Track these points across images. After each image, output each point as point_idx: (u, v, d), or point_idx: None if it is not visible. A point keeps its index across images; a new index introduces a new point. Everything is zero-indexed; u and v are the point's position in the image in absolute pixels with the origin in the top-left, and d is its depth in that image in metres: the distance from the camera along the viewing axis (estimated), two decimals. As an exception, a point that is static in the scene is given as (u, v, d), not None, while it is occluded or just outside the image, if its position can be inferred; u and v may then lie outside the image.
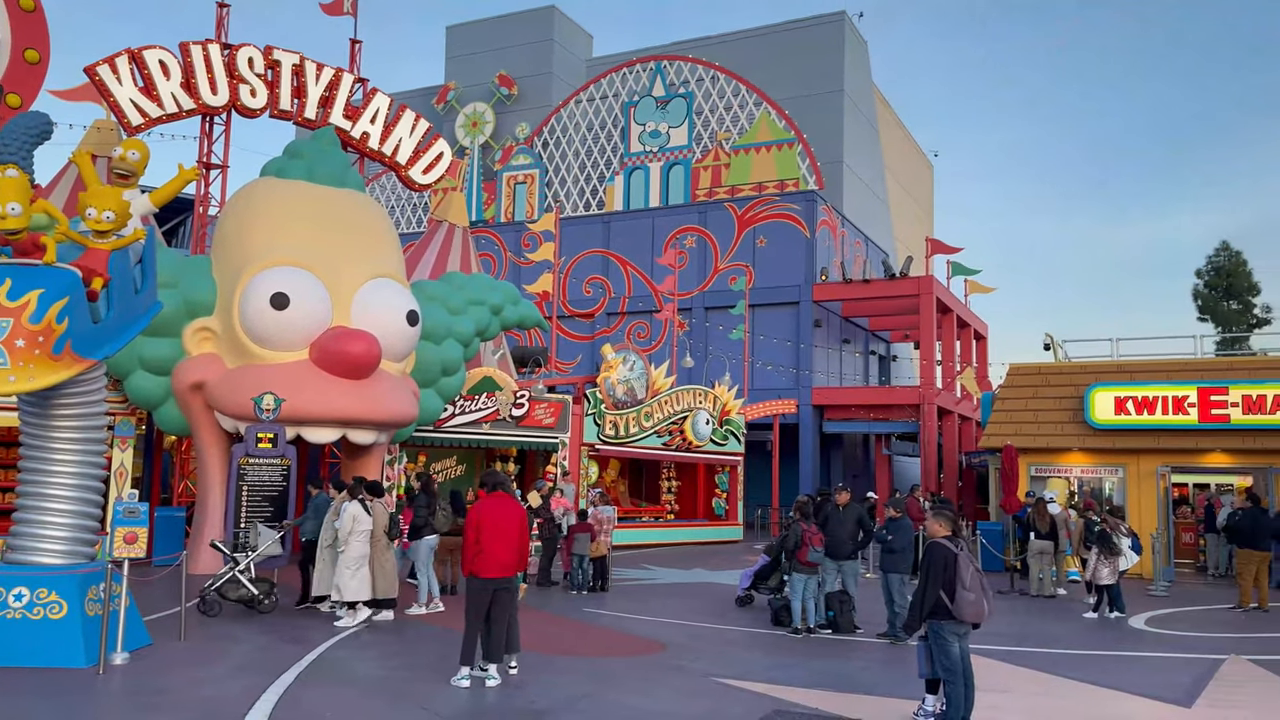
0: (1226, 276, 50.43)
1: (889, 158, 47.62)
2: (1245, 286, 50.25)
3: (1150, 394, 19.62)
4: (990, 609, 7.08)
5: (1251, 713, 8.17)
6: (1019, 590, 16.54)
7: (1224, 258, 51.13)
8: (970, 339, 35.90)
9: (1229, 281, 50.27)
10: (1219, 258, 51.39)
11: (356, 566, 11.05)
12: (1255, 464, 19.39)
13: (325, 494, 12.58)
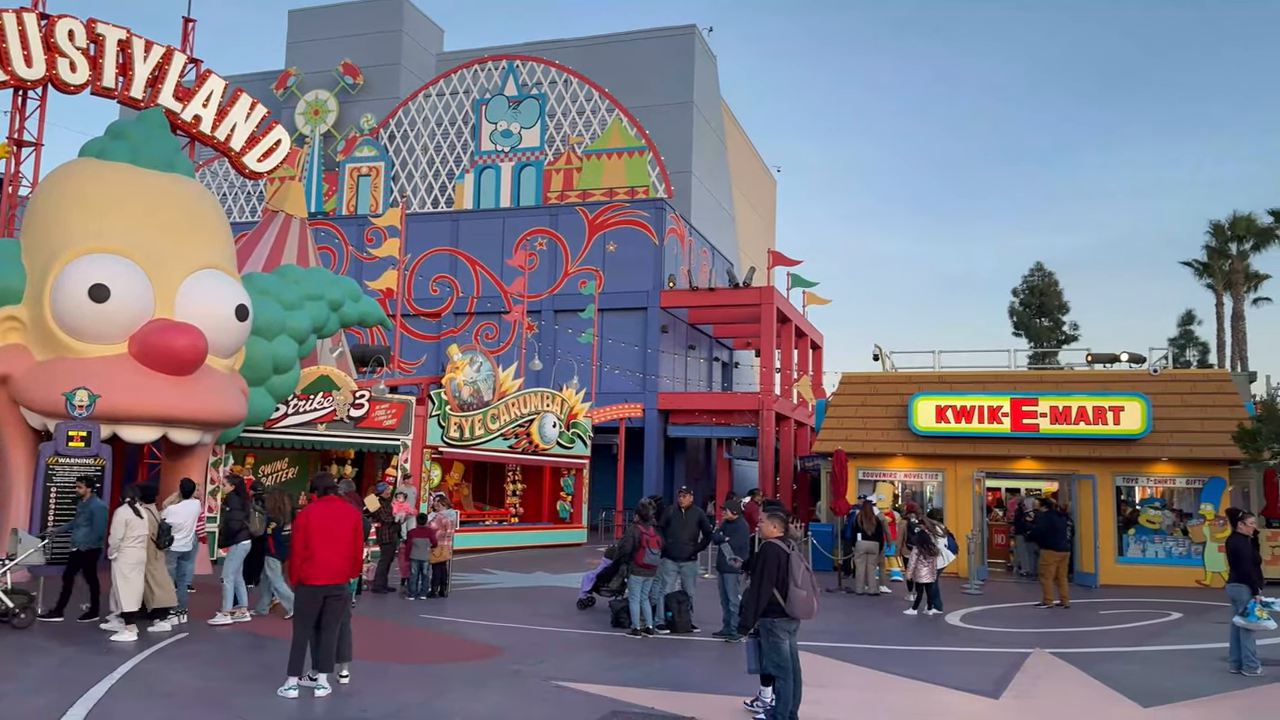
0: (1040, 295, 54.38)
1: (735, 170, 48.95)
2: (1056, 305, 54.33)
3: (968, 404, 20.91)
4: (819, 606, 7.37)
5: (1051, 702, 8.83)
6: (846, 589, 17.30)
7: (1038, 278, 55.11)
8: (807, 348, 37.34)
9: (1042, 300, 54.23)
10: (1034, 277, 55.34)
11: (131, 574, 10.39)
12: (1061, 470, 20.98)
13: (98, 499, 11.77)
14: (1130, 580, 19.29)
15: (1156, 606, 15.74)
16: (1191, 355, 56.06)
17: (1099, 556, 19.49)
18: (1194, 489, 19.97)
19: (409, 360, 33.83)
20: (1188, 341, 57.60)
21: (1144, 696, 8.83)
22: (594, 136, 37.51)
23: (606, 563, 13.65)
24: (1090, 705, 8.63)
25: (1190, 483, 20.02)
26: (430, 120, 40.57)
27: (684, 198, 39.12)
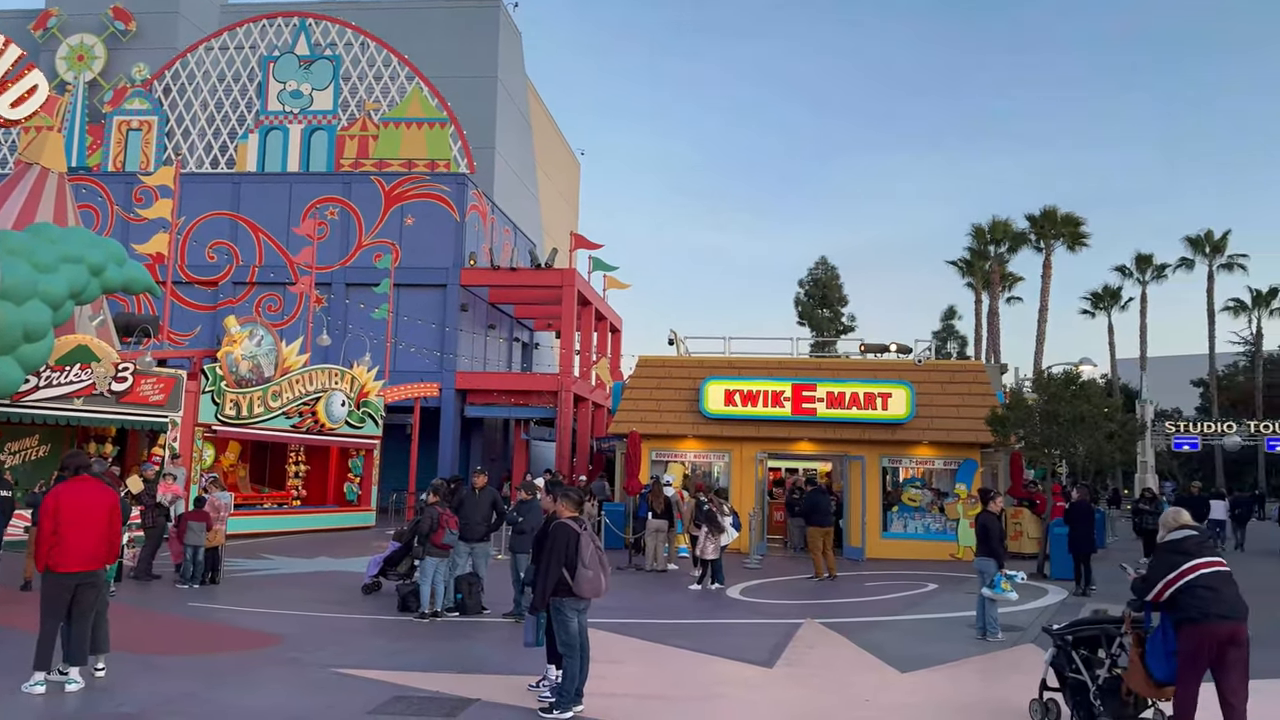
0: (822, 288, 57.62)
1: (539, 150, 48.69)
2: (836, 298, 57.76)
3: (754, 388, 21.86)
4: (607, 585, 7.48)
5: (820, 669, 9.40)
6: (635, 566, 17.70)
7: (822, 271, 58.37)
8: (607, 331, 37.80)
9: (824, 292, 57.48)
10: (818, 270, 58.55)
11: None
12: (835, 452, 22.34)
13: None
14: (893, 554, 20.84)
15: (915, 578, 17.08)
16: (952, 347, 61.15)
17: (866, 532, 20.94)
18: (950, 470, 21.79)
19: (180, 331, 31.52)
20: (949, 335, 62.81)
21: (902, 662, 9.57)
22: (392, 104, 36.18)
23: (395, 546, 13.29)
24: (854, 671, 9.26)
25: (947, 464, 21.84)
26: (211, 75, 37.77)
27: (486, 174, 38.51)
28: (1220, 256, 53.25)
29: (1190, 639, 6.17)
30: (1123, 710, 6.75)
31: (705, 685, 8.53)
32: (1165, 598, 6.35)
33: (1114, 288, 55.95)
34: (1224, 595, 6.22)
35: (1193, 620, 6.17)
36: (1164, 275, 54.58)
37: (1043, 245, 52.55)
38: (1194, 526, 6.65)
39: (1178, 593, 6.27)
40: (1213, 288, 53.48)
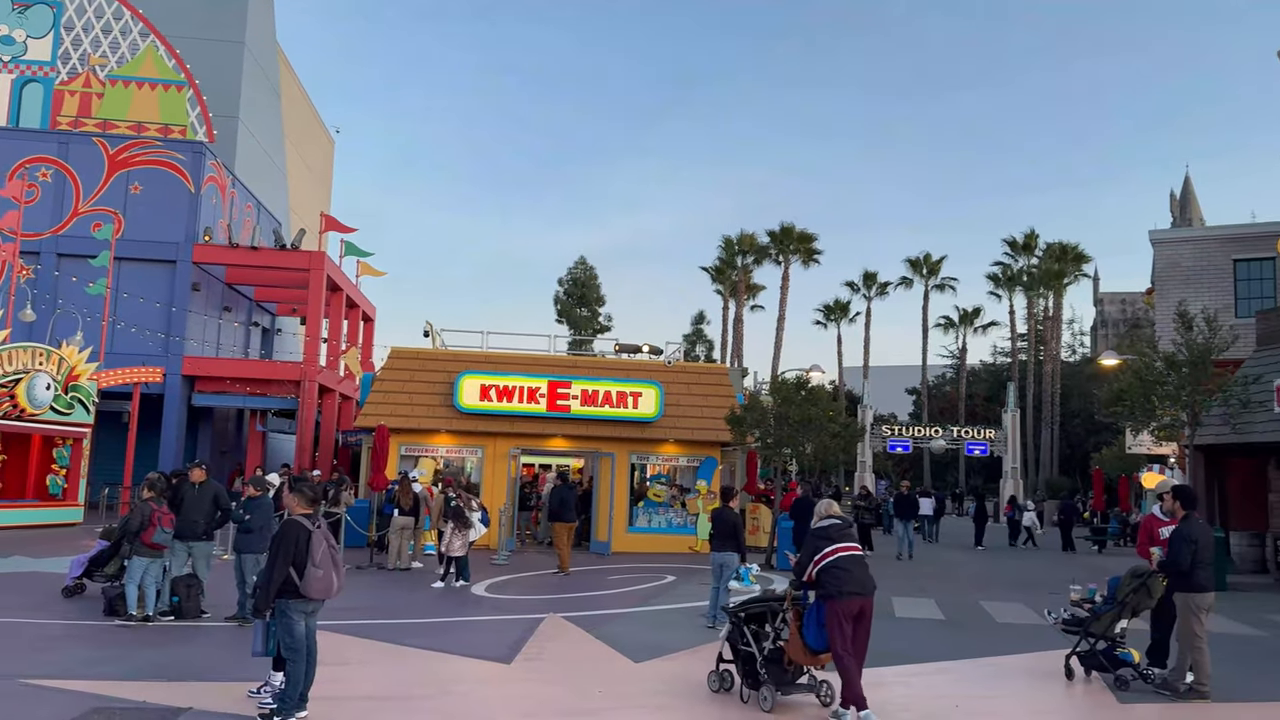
0: (581, 287, 58.46)
1: (290, 125, 46.03)
2: (595, 297, 58.79)
3: (510, 384, 21.81)
4: (340, 584, 7.15)
5: (557, 662, 9.49)
6: (378, 565, 17.13)
7: (581, 270, 59.23)
8: (358, 319, 36.30)
9: (583, 291, 58.32)
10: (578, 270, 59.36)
11: None
12: (587, 448, 22.70)
13: None
14: (638, 548, 21.48)
15: (657, 571, 17.68)
16: (701, 350, 63.97)
17: (613, 526, 21.44)
18: (693, 467, 22.76)
19: None
20: (699, 338, 65.70)
21: (637, 652, 9.86)
22: (121, 61, 32.88)
23: (103, 545, 12.08)
24: (590, 663, 9.43)
25: (691, 461, 22.79)
26: (-103, 4, 32.70)
27: (228, 145, 35.90)
28: (935, 278, 59.15)
29: (832, 613, 7.21)
30: (784, 677, 7.72)
31: (440, 684, 8.38)
32: (813, 577, 7.39)
33: (844, 301, 60.76)
34: (856, 575, 7.30)
35: (831, 596, 7.23)
36: (887, 292, 59.96)
37: (781, 259, 56.21)
38: (839, 517, 7.73)
39: (820, 572, 7.33)
40: (927, 305, 59.38)
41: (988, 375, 65.43)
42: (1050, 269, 54.78)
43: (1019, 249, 56.47)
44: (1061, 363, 58.76)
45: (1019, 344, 58.56)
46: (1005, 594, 16.39)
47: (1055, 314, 56.70)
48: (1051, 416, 54.16)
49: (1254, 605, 15.61)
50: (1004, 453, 41.60)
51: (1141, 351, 21.94)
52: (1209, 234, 28.40)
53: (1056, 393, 54.49)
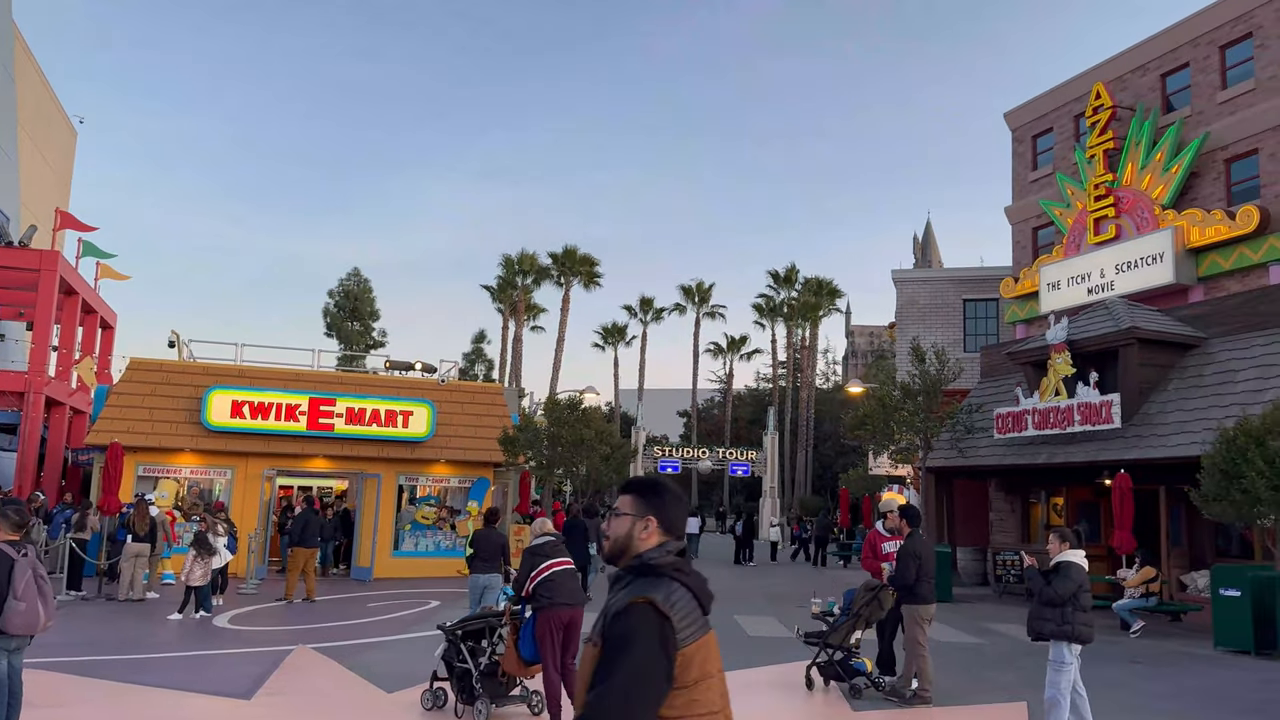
0: (354, 300, 56.27)
1: (26, 111, 41.55)
2: (368, 311, 56.74)
3: (267, 400, 20.59)
4: (48, 619, 6.44)
5: (301, 696, 8.99)
6: (107, 595, 15.62)
7: (354, 282, 57.01)
8: (95, 327, 33.11)
9: (355, 304, 56.16)
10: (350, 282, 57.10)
11: None
12: (351, 469, 21.79)
13: None
14: (403, 572, 20.82)
15: (420, 596, 17.20)
16: (480, 369, 63.30)
17: (376, 551, 20.67)
18: (464, 488, 22.38)
19: None
20: (479, 356, 64.99)
21: (389, 681, 9.52)
22: None
23: None
24: (339, 695, 9.00)
25: (462, 482, 22.40)
26: None
27: (-54, 127, 31.85)
28: (706, 305, 61.65)
29: (544, 623, 7.62)
30: (498, 689, 8.16)
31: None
32: (529, 591, 7.83)
33: (622, 325, 62.12)
34: (568, 587, 7.79)
35: (543, 607, 7.64)
36: (662, 317, 61.86)
37: (563, 280, 56.73)
38: (552, 534, 8.20)
39: (537, 586, 7.77)
40: (699, 331, 61.72)
41: (752, 399, 68.79)
42: (808, 301, 58.50)
43: (781, 281, 59.92)
44: (816, 389, 62.76)
45: (780, 371, 62.02)
46: (759, 608, 17.19)
47: (812, 343, 60.54)
48: (807, 439, 57.66)
49: (976, 615, 17.22)
50: (764, 473, 43.82)
51: (882, 381, 23.80)
52: (943, 275, 31.33)
53: (811, 417, 58.10)
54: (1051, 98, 26.88)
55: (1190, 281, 21.39)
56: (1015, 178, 28.14)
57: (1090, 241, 24.00)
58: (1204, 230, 21.14)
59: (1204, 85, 22.34)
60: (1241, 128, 21.22)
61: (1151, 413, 17.70)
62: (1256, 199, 20.71)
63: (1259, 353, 16.80)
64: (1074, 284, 24.03)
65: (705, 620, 2.44)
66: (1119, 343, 18.35)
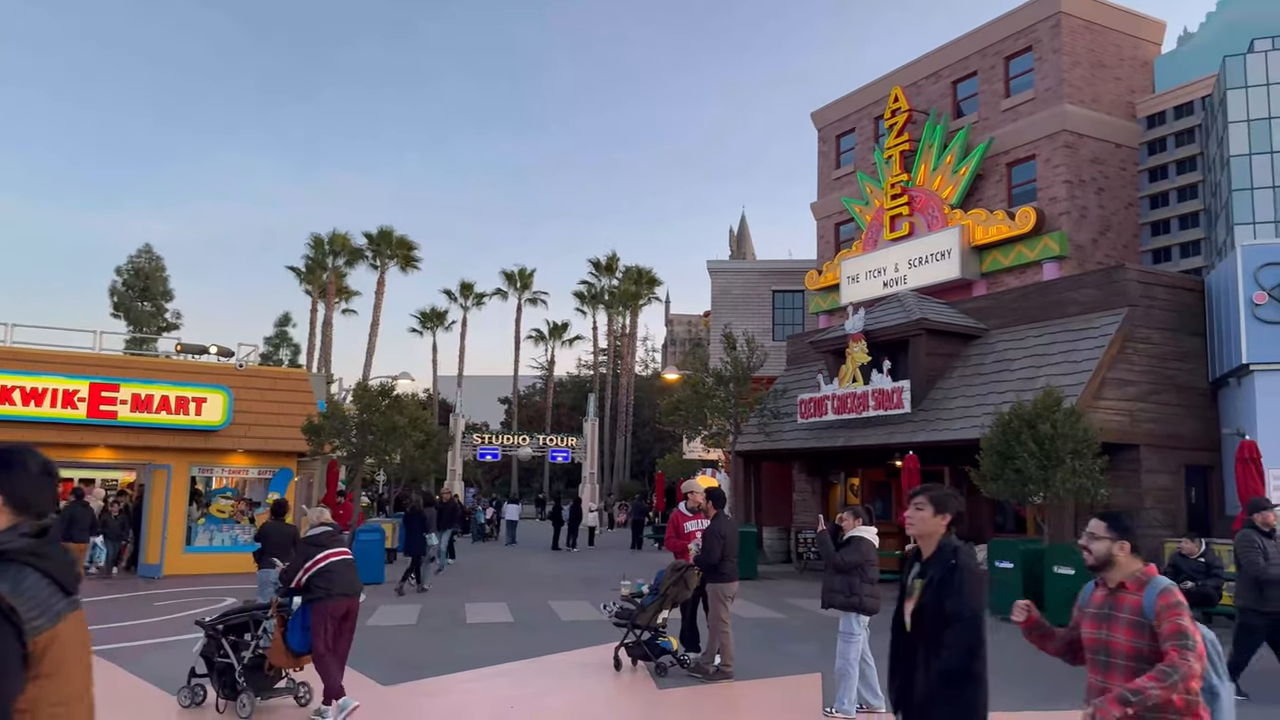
0: (145, 278, 52.33)
1: None
2: (160, 291, 52.91)
3: (40, 385, 18.85)
4: None
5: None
6: None
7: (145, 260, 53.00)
8: None
9: (146, 284, 52.25)
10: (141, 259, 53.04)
11: None
12: (138, 460, 20.26)
13: None
14: (197, 569, 19.58)
15: (215, 593, 16.23)
16: (285, 354, 60.40)
17: (166, 547, 19.36)
18: (265, 479, 21.27)
19: None
20: (284, 341, 61.97)
21: (171, 684, 8.91)
22: None
23: None
24: (115, 700, 8.35)
25: (262, 473, 21.28)
26: None
27: None
28: (528, 291, 61.27)
29: (320, 614, 7.59)
30: (263, 682, 7.99)
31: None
32: (302, 583, 7.73)
33: (441, 310, 60.80)
34: (345, 577, 7.77)
35: (319, 599, 7.60)
36: (483, 302, 60.98)
37: (378, 263, 54.91)
38: (329, 524, 8.15)
39: (312, 577, 7.69)
40: (520, 318, 61.29)
41: (573, 386, 69.07)
42: (628, 290, 59.24)
43: (602, 269, 60.38)
44: (635, 376, 63.74)
45: (601, 358, 62.55)
46: (575, 592, 17.27)
47: (632, 331, 61.39)
48: (626, 425, 58.49)
49: (778, 591, 17.95)
50: (584, 459, 44.09)
51: (697, 368, 24.42)
52: (755, 267, 32.44)
53: (631, 404, 58.97)
54: (853, 99, 28.28)
55: (974, 277, 23.06)
56: (820, 175, 29.47)
57: (886, 238, 25.45)
58: (987, 229, 22.82)
59: (989, 93, 24.08)
60: (1021, 134, 23.03)
61: (938, 398, 18.98)
62: (1034, 201, 22.55)
63: (1032, 343, 18.31)
64: (871, 277, 25.42)
65: (71, 601, 2.33)
66: (910, 333, 19.55)
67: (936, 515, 4.01)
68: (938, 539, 4.00)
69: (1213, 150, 21.45)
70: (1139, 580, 3.71)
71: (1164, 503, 16.87)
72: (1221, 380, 17.28)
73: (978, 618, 3.81)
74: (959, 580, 3.81)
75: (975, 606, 3.82)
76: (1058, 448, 13.95)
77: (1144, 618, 3.59)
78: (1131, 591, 3.69)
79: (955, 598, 3.79)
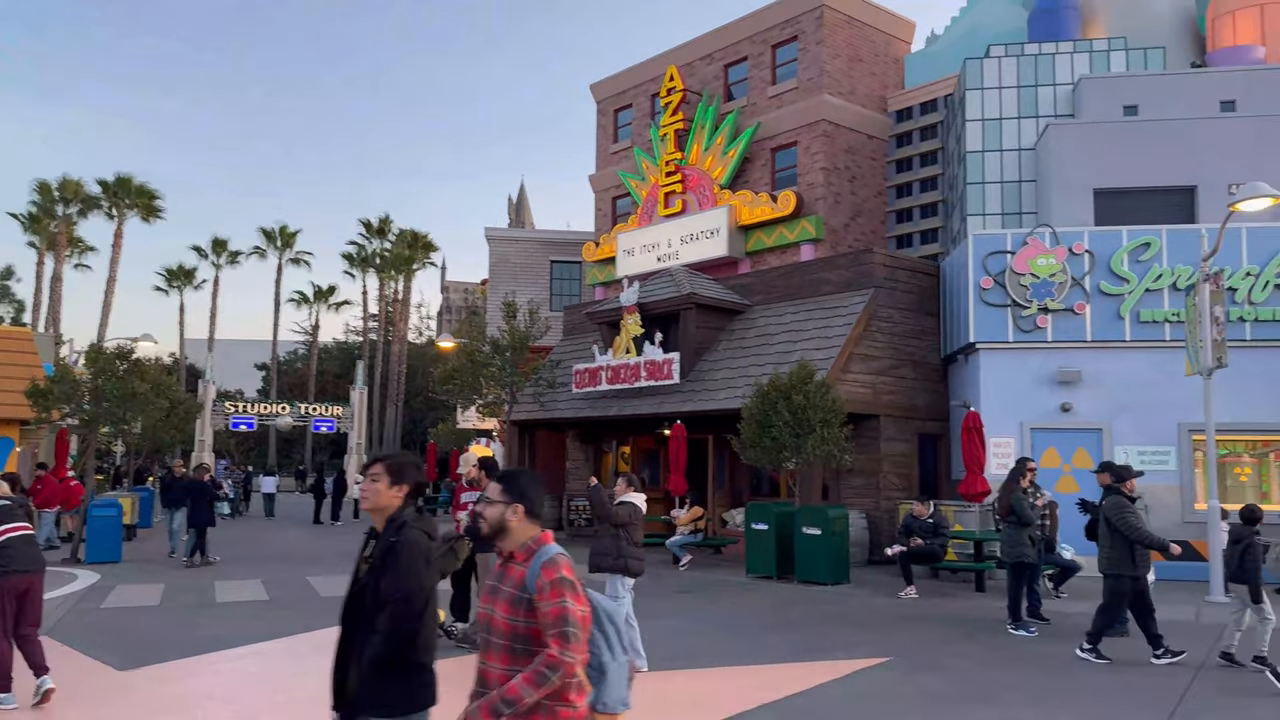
0: None
1: None
2: None
3: None
4: None
5: None
6: None
7: None
8: None
9: None
10: None
11: None
12: None
13: None
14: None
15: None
16: (6, 311, 54.01)
17: None
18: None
19: None
20: (5, 296, 55.38)
21: None
22: None
23: None
24: None
25: (-25, 443, 18.95)
26: None
27: None
28: (290, 250, 57.90)
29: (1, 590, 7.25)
30: None
31: None
32: None
33: (189, 267, 56.32)
34: (24, 553, 7.36)
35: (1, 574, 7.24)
36: (239, 261, 57.05)
37: (115, 213, 50.03)
38: (10, 498, 7.69)
39: None
40: (281, 279, 57.85)
41: (340, 353, 66.25)
42: (402, 254, 57.38)
43: (374, 231, 58.09)
44: (409, 344, 62.05)
45: (371, 324, 60.33)
46: (336, 567, 16.63)
47: (405, 297, 59.61)
48: (398, 394, 56.88)
49: (547, 558, 18.09)
50: (350, 429, 42.48)
51: (473, 336, 24.08)
52: (533, 236, 32.33)
53: (403, 372, 57.37)
54: (632, 75, 28.69)
55: (740, 255, 24.13)
56: (599, 148, 29.73)
57: (661, 214, 26.11)
58: (752, 210, 23.90)
59: (758, 80, 25.15)
60: (785, 121, 24.23)
61: (705, 370, 19.75)
62: (794, 186, 23.83)
63: (790, 320, 19.40)
64: (645, 252, 26.01)
65: None
66: (680, 307, 20.19)
67: (393, 487, 3.66)
68: (389, 513, 3.66)
69: (951, 146, 23.49)
70: (528, 549, 3.30)
71: (900, 468, 18.44)
72: (952, 357, 19.04)
73: (415, 599, 3.46)
74: (397, 558, 3.48)
75: (411, 587, 3.45)
76: (809, 417, 14.88)
77: (524, 592, 3.21)
78: (519, 562, 3.29)
79: (390, 577, 3.46)
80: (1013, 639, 10.36)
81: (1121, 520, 9.05)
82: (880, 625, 11.11)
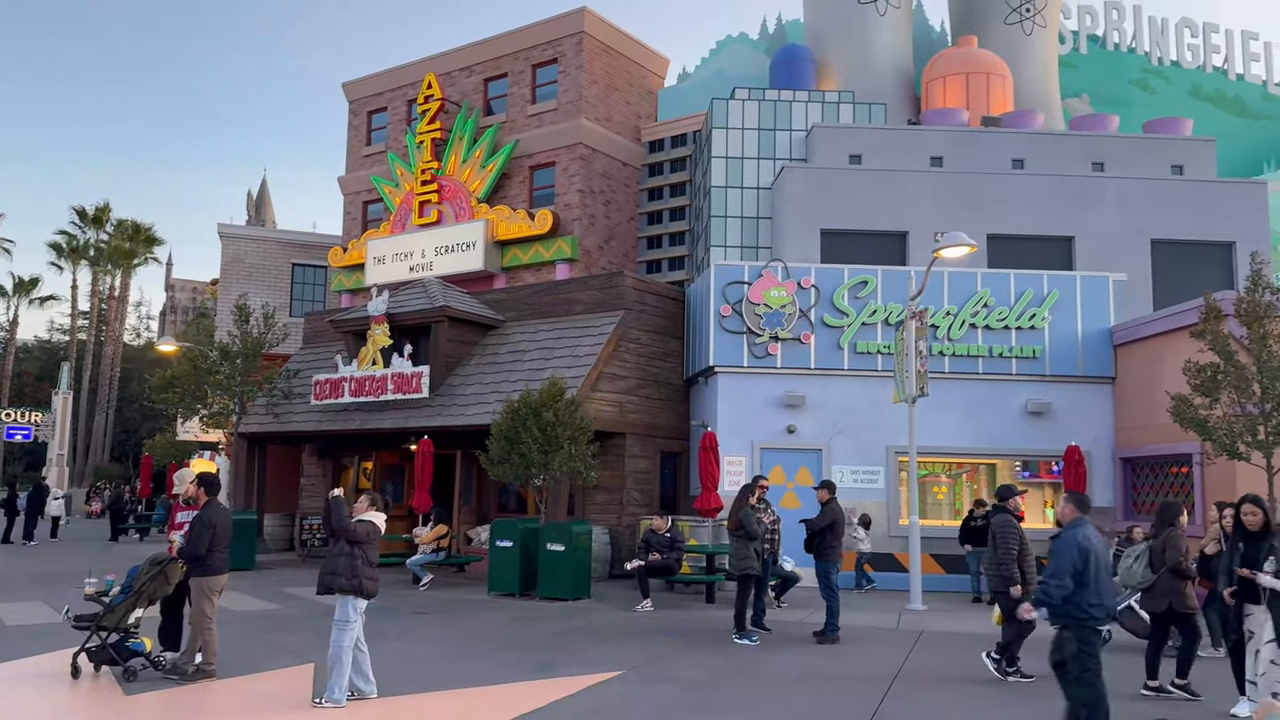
0: None
1: None
2: None
3: None
4: None
5: None
6: None
7: None
8: None
9: None
10: None
11: None
12: None
13: None
14: None
15: None
16: None
17: None
18: None
19: None
20: None
21: None
22: None
23: None
24: None
25: None
26: None
27: None
28: (-15, 237, 51.23)
29: None
30: None
31: None
32: None
33: None
34: None
35: None
36: (-83, 245, 49.76)
37: None
38: None
39: None
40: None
41: (42, 353, 59.29)
42: (121, 247, 52.34)
43: (89, 221, 52.58)
44: (125, 345, 56.63)
45: (80, 322, 54.45)
46: (27, 592, 14.85)
47: (123, 294, 54.38)
48: (109, 400, 51.67)
49: (277, 581, 17.07)
50: (51, 438, 38.09)
51: (199, 340, 22.37)
52: (273, 236, 30.57)
53: (116, 376, 52.23)
54: (389, 78, 27.97)
55: (496, 270, 24.07)
56: (350, 150, 28.68)
57: (414, 223, 25.56)
58: (509, 226, 23.94)
59: (518, 97, 25.29)
60: (544, 141, 24.51)
61: (455, 384, 19.46)
62: (552, 205, 24.12)
63: (544, 337, 19.55)
64: (398, 260, 25.35)
65: None
66: (432, 319, 19.80)
67: None
68: None
69: (699, 179, 24.69)
70: None
71: (642, 484, 19.03)
72: (694, 379, 19.94)
73: None
74: None
75: None
76: (558, 434, 15.04)
77: None
78: None
79: None
80: (737, 647, 10.96)
81: (1001, 543, 9.22)
82: (616, 639, 11.38)
